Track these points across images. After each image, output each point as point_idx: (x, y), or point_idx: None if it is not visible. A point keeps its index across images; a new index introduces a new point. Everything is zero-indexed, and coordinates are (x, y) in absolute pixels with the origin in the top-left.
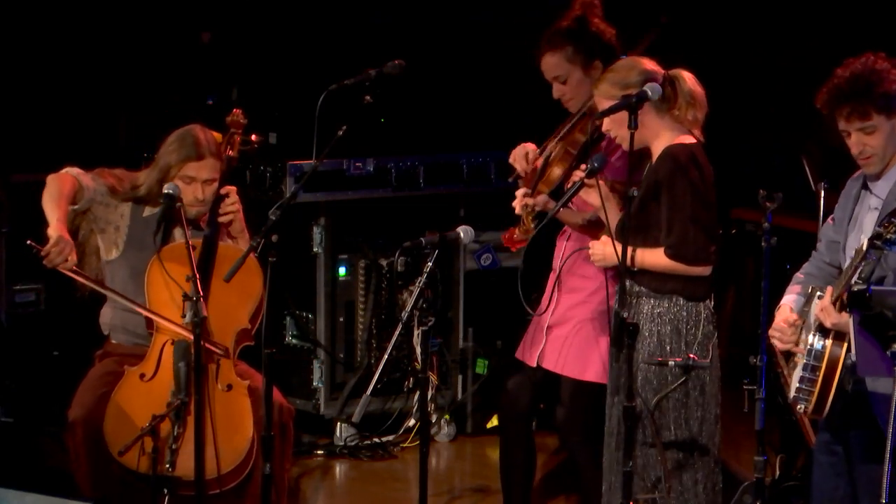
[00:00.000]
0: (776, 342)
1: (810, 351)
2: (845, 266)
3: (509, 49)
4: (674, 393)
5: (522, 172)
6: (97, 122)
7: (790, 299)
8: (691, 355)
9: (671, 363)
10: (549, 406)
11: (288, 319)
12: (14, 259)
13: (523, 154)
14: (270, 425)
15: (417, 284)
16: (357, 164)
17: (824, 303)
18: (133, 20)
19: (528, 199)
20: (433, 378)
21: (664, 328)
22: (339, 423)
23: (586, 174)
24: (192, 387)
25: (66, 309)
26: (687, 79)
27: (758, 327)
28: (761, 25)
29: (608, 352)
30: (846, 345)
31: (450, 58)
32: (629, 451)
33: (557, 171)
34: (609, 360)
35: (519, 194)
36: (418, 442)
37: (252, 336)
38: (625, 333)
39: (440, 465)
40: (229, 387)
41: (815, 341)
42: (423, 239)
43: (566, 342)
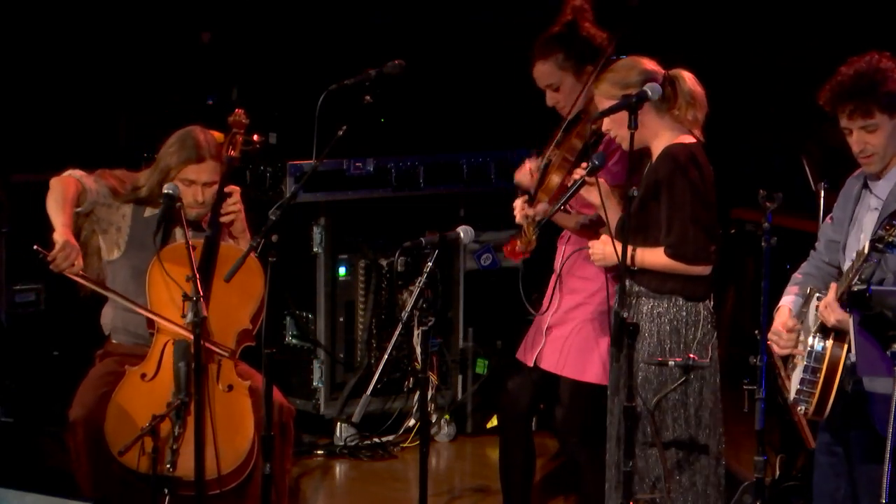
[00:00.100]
0: (774, 346)
1: (811, 353)
2: (846, 267)
3: (509, 49)
4: (673, 393)
5: (529, 187)
6: (97, 122)
7: (789, 300)
8: (691, 355)
9: (671, 363)
10: (549, 407)
11: (288, 319)
12: (14, 259)
13: (527, 171)
14: (270, 425)
15: (417, 284)
16: (357, 164)
17: (828, 299)
18: (133, 20)
19: (529, 210)
20: (433, 378)
21: (663, 328)
22: (339, 423)
23: (587, 172)
24: (193, 387)
25: (66, 309)
26: (687, 79)
27: (758, 327)
28: (761, 25)
29: (608, 352)
30: (846, 346)
31: (450, 58)
32: (629, 451)
33: (556, 179)
34: (609, 360)
35: (518, 204)
36: (418, 442)
37: (253, 336)
38: (625, 333)
39: (440, 465)
40: (230, 387)
41: (816, 343)
42: (423, 239)
43: (566, 343)
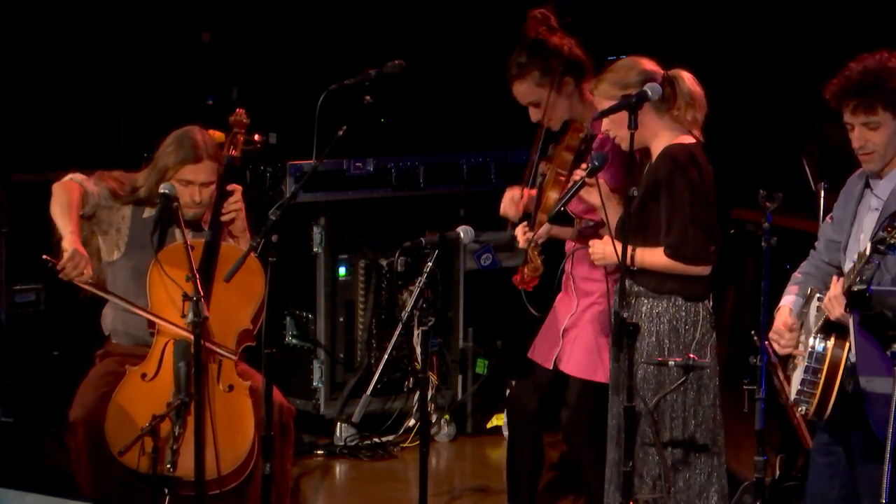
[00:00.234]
0: (775, 346)
1: (811, 353)
2: (847, 269)
3: (509, 49)
4: (673, 393)
5: (516, 219)
6: (97, 122)
7: (789, 300)
8: (691, 355)
9: (671, 363)
10: (554, 406)
11: (288, 319)
12: (14, 259)
13: (510, 200)
14: (270, 425)
15: (417, 284)
16: (357, 164)
17: (835, 292)
18: (133, 20)
19: (530, 234)
20: (433, 378)
21: (662, 328)
22: (339, 423)
23: (587, 173)
24: (193, 387)
25: (66, 309)
26: (686, 79)
27: (758, 327)
28: (761, 25)
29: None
30: (847, 346)
31: (450, 58)
32: (629, 451)
33: (554, 196)
34: (609, 360)
35: (519, 231)
36: (418, 442)
37: (253, 336)
38: (625, 333)
39: (440, 465)
40: (231, 387)
41: (817, 343)
42: (423, 239)
43: (576, 343)
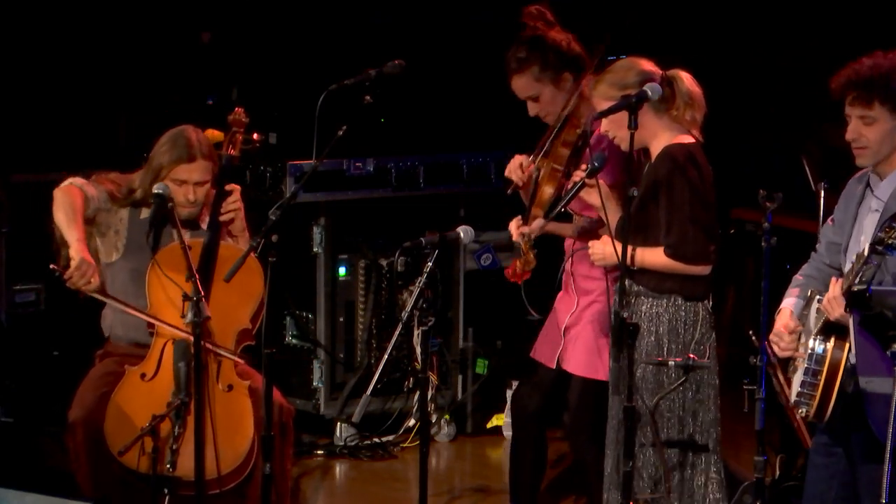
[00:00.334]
0: (775, 348)
1: (811, 355)
2: (846, 270)
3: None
4: (673, 393)
5: (520, 182)
6: (97, 122)
7: (790, 302)
8: (691, 355)
9: (671, 363)
10: (557, 405)
11: (288, 319)
12: (14, 259)
13: (517, 165)
14: (270, 425)
15: (417, 284)
16: (357, 164)
17: (835, 293)
18: (133, 20)
19: (525, 228)
20: (433, 378)
21: (662, 328)
22: (339, 423)
23: (587, 174)
24: (193, 387)
25: (66, 309)
26: (685, 79)
27: (758, 327)
28: (761, 25)
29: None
30: (847, 348)
31: (450, 58)
32: (629, 451)
33: (549, 191)
34: (609, 360)
35: (514, 225)
36: (418, 442)
37: (253, 335)
38: (625, 333)
39: (440, 465)
40: (230, 387)
41: (817, 345)
42: (423, 239)
43: (576, 342)
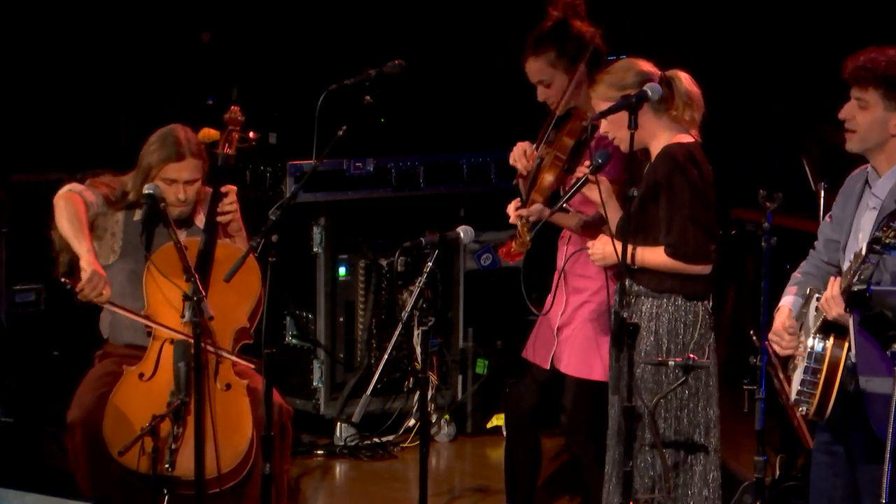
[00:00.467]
0: (775, 347)
1: (811, 354)
2: (845, 269)
3: (509, 49)
4: (673, 393)
5: (525, 170)
6: (97, 122)
7: (788, 301)
8: (691, 355)
9: (671, 363)
10: (554, 405)
11: (288, 319)
12: (14, 259)
13: (522, 153)
14: (270, 425)
15: (417, 284)
16: (357, 164)
17: (833, 293)
18: (133, 20)
19: (522, 211)
20: (433, 378)
21: (662, 328)
22: (339, 423)
23: (590, 170)
24: (192, 386)
25: (66, 309)
26: (683, 79)
27: (758, 327)
28: (761, 25)
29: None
30: (847, 346)
31: (450, 58)
32: (629, 451)
33: (549, 178)
34: (609, 360)
35: (512, 207)
36: (418, 442)
37: (251, 334)
38: (625, 333)
39: (440, 465)
40: (228, 386)
41: (816, 343)
42: (423, 239)
43: (570, 342)
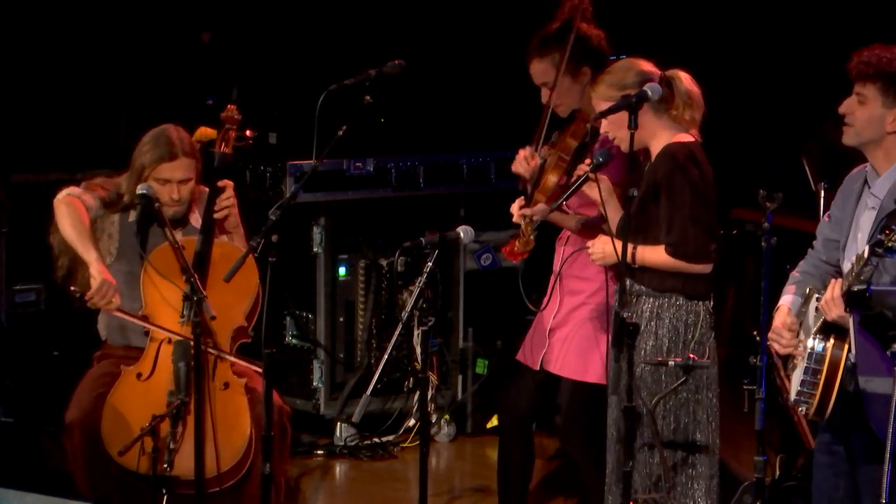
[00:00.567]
0: (775, 346)
1: (811, 354)
2: (846, 270)
3: (509, 49)
4: (673, 393)
5: (527, 175)
6: (97, 122)
7: (787, 300)
8: (691, 355)
9: (671, 363)
10: (549, 407)
11: (288, 319)
12: (14, 259)
13: (523, 159)
14: (270, 425)
15: (417, 284)
16: (357, 164)
17: (834, 295)
18: (133, 20)
19: (526, 210)
20: (433, 378)
21: (662, 328)
22: (339, 423)
23: (591, 168)
24: (192, 386)
25: (66, 309)
26: (684, 79)
27: (758, 327)
28: (761, 25)
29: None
30: (847, 346)
31: (450, 58)
32: (629, 451)
33: (553, 179)
34: (608, 361)
35: (515, 206)
36: (418, 442)
37: (248, 333)
38: (625, 333)
39: (440, 465)
40: (226, 385)
41: (816, 344)
42: (423, 239)
43: (566, 343)
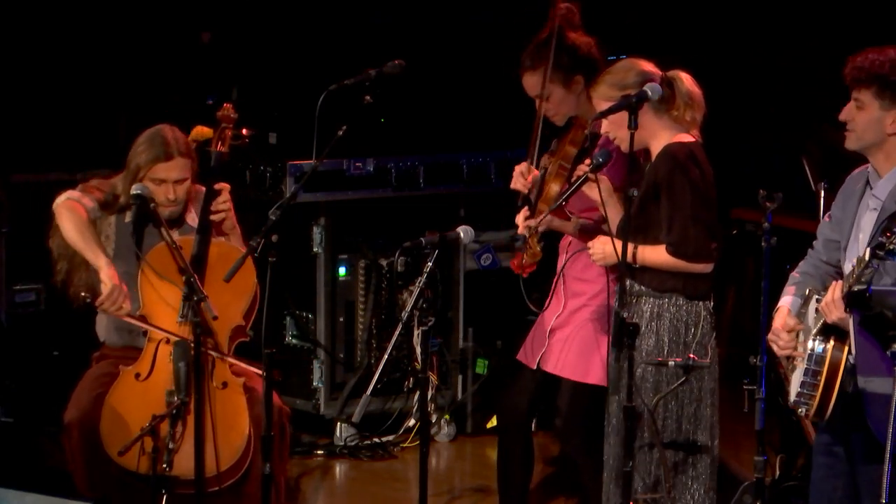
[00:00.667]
0: (774, 347)
1: (811, 356)
2: (846, 271)
3: (509, 49)
4: (673, 393)
5: (525, 189)
6: (97, 122)
7: (787, 301)
8: (691, 355)
9: (671, 363)
10: (549, 408)
11: (288, 319)
12: (14, 259)
13: (520, 174)
14: (270, 425)
15: (417, 284)
16: (357, 164)
17: (834, 297)
18: (133, 20)
19: (531, 221)
20: (433, 378)
21: (663, 328)
22: (339, 423)
23: (590, 168)
24: (192, 386)
25: (66, 309)
26: (684, 79)
27: (758, 327)
28: (761, 25)
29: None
30: (847, 347)
31: (450, 58)
32: (629, 451)
33: (555, 188)
34: (609, 360)
35: (521, 217)
36: (418, 442)
37: (247, 332)
38: (625, 333)
39: (440, 465)
40: (225, 384)
41: (816, 345)
42: (423, 239)
43: (566, 345)
